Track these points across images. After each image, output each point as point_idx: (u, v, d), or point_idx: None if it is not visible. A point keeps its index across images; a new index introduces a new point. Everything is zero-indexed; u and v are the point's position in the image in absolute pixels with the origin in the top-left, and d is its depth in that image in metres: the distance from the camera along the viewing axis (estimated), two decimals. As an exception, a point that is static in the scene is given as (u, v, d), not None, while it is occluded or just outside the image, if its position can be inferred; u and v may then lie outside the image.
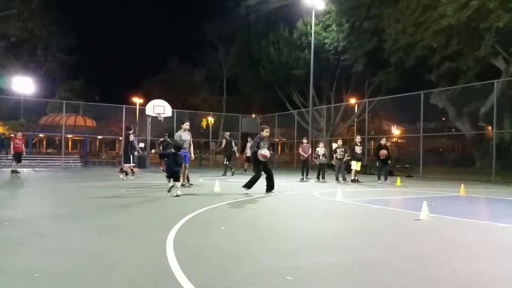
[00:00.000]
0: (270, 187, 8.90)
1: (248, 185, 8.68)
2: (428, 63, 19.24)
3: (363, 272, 3.13)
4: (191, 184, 10.30)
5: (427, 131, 20.99)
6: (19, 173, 14.60)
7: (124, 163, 12.48)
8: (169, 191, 8.21)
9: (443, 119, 24.57)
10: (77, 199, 7.76)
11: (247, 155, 17.68)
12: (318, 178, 13.62)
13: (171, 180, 8.23)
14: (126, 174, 12.47)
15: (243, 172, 17.16)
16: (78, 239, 4.11)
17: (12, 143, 14.99)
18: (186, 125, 10.08)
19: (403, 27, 18.93)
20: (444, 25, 16.81)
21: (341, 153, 13.53)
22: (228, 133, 17.07)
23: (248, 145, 17.98)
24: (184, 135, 9.85)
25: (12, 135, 15.66)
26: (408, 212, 6.31)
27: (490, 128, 17.61)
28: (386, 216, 6.26)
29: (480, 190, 10.93)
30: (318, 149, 14.03)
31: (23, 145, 15.33)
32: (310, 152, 14.55)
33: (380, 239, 4.41)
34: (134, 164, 12.87)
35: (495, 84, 15.98)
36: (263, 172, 8.82)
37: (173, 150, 8.71)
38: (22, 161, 15.43)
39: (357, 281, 2.90)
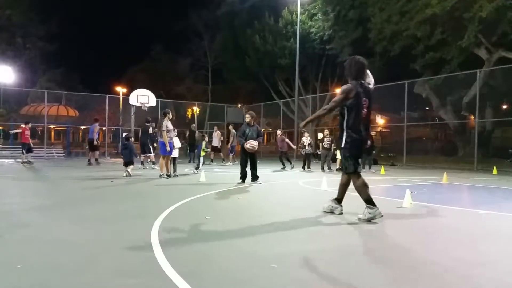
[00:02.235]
0: (254, 176, 8.94)
1: (242, 177, 8.85)
2: (413, 53, 19.39)
3: (347, 259, 3.16)
4: (176, 175, 10.25)
5: (411, 120, 21.25)
6: (32, 163, 14.91)
7: (144, 154, 13.26)
8: (128, 175, 9.84)
9: (427, 108, 24.93)
10: (60, 190, 7.63)
11: (213, 144, 17.24)
12: (303, 167, 13.69)
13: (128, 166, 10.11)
14: (154, 163, 13.24)
15: (210, 163, 16.80)
16: (61, 229, 4.05)
17: (23, 134, 15.17)
18: (170, 114, 10.05)
19: (387, 16, 19.00)
20: (428, 15, 16.93)
21: (328, 142, 13.59)
22: (194, 125, 18.58)
23: (215, 134, 17.65)
24: (169, 124, 9.84)
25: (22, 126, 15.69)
26: (392, 200, 6.40)
27: (473, 117, 17.93)
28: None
29: (463, 178, 11.16)
30: (303, 138, 14.08)
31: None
32: (284, 143, 14.57)
33: (364, 227, 4.45)
34: (154, 154, 13.33)
35: (478, 74, 16.21)
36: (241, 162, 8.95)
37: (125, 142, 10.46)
38: (4, 152, 15.44)
39: (341, 269, 2.92)
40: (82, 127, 34.71)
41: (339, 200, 5.04)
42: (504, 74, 18.40)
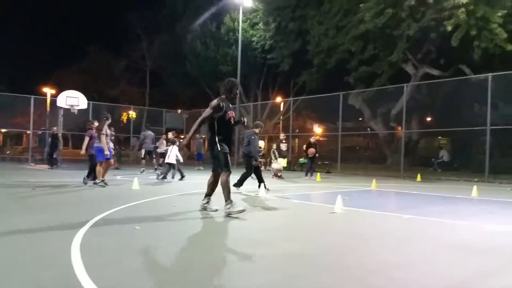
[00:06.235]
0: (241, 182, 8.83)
1: (239, 184, 8.67)
2: (347, 66, 20.34)
3: (282, 265, 3.16)
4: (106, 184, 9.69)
5: (345, 130, 22.25)
6: None
7: None
8: None
9: (360, 119, 26.18)
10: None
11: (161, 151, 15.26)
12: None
13: None
14: None
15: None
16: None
17: None
18: (109, 119, 9.57)
19: (325, 30, 19.76)
20: (362, 30, 17.87)
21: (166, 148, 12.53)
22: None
23: (162, 140, 15.38)
24: (107, 129, 9.35)
25: None
26: (325, 206, 6.59)
27: (400, 128, 19.16)
28: (305, 210, 6.46)
29: (390, 184, 11.83)
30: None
31: None
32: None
33: (299, 232, 4.53)
34: None
35: (405, 88, 17.42)
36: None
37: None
38: None
39: (277, 274, 2.91)
40: (3, 130, 31.90)
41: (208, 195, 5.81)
42: (428, 89, 19.98)
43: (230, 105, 5.64)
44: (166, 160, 11.21)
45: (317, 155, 14.16)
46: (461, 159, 19.66)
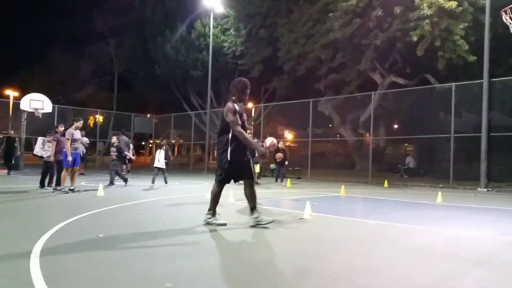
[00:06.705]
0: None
1: None
2: (317, 74, 20.66)
3: (245, 272, 3.13)
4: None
5: (315, 136, 22.51)
6: None
7: None
8: None
9: (330, 125, 26.60)
10: None
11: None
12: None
13: None
14: None
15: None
16: None
17: None
18: (80, 123, 9.25)
19: (295, 37, 20.00)
20: (331, 39, 18.20)
21: (111, 153, 11.67)
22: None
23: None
24: (76, 133, 9.04)
25: None
26: (294, 212, 6.61)
27: (368, 135, 19.60)
28: (273, 216, 6.42)
29: (358, 190, 12.04)
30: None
31: None
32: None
33: (265, 239, 4.50)
34: None
35: (373, 96, 17.88)
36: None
37: None
38: None
39: (239, 282, 2.87)
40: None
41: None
42: (394, 97, 20.58)
43: (243, 107, 5.14)
44: (155, 165, 11.22)
45: (286, 162, 14.25)
46: (426, 165, 20.30)
